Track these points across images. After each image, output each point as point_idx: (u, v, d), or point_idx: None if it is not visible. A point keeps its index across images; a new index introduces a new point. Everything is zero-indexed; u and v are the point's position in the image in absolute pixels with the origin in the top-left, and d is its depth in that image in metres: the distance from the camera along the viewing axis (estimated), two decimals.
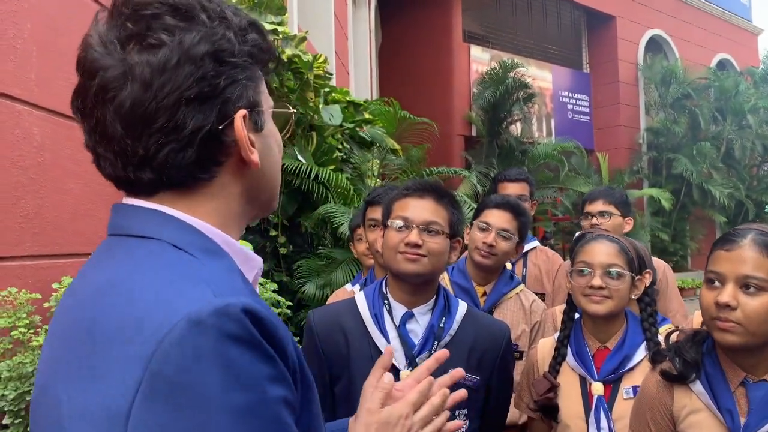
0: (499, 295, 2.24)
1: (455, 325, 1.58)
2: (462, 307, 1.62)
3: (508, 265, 2.79)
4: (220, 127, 0.72)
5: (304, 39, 4.52)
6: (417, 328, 1.57)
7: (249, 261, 0.78)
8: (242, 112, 0.73)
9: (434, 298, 1.61)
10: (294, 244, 4.69)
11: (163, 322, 0.60)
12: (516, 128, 11.62)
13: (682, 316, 2.48)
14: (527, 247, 2.83)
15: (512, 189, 3.02)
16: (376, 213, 2.23)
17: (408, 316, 1.58)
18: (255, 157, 0.75)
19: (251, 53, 0.75)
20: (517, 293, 2.26)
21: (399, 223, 1.57)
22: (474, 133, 11.81)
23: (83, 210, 2.69)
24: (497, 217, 2.23)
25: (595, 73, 14.46)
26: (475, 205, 6.91)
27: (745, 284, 1.27)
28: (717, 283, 1.31)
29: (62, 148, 2.57)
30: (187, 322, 0.60)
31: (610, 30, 14.07)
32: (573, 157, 12.05)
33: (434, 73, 11.85)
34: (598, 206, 2.81)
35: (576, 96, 13.94)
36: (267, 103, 0.81)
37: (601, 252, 1.66)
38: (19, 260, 2.32)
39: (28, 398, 1.97)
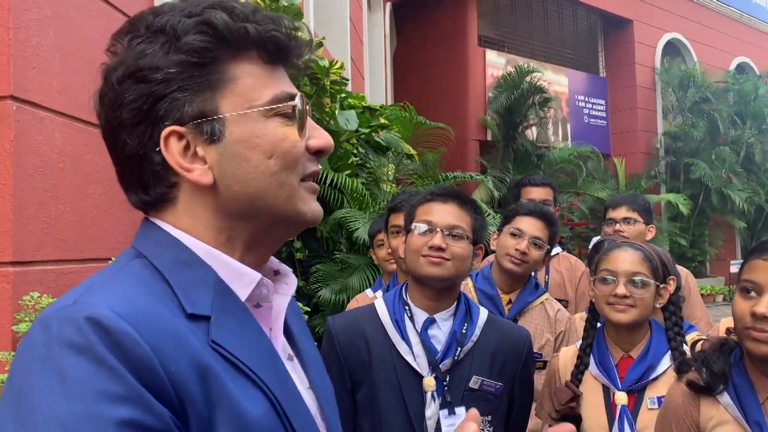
0: (524, 303, 2.21)
1: (477, 331, 1.57)
2: (483, 313, 1.62)
3: None
4: (156, 149, 0.70)
5: (320, 45, 4.53)
6: (439, 334, 1.57)
7: (240, 277, 0.73)
8: (168, 130, 0.70)
9: (455, 304, 1.60)
10: (310, 249, 4.69)
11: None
12: (532, 133, 11.57)
13: (705, 324, 2.44)
14: (554, 252, 2.81)
15: (536, 193, 3.00)
16: (399, 219, 2.23)
17: (429, 322, 1.57)
18: (196, 175, 0.71)
19: (186, 61, 0.70)
20: (542, 302, 2.23)
21: (423, 226, 1.57)
22: (489, 138, 11.77)
23: (104, 215, 2.71)
24: (530, 225, 2.19)
25: (611, 77, 14.36)
26: (491, 211, 6.89)
27: None
28: (753, 293, 1.29)
29: (83, 154, 2.59)
30: (39, 323, 0.61)
31: (627, 34, 13.97)
32: (589, 161, 11.97)
33: (449, 77, 11.84)
34: (622, 212, 2.78)
35: (592, 100, 13.85)
36: (247, 102, 0.72)
37: (625, 260, 1.64)
38: (41, 265, 2.34)
39: None
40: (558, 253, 2.87)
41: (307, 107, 0.77)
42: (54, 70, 2.44)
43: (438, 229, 1.54)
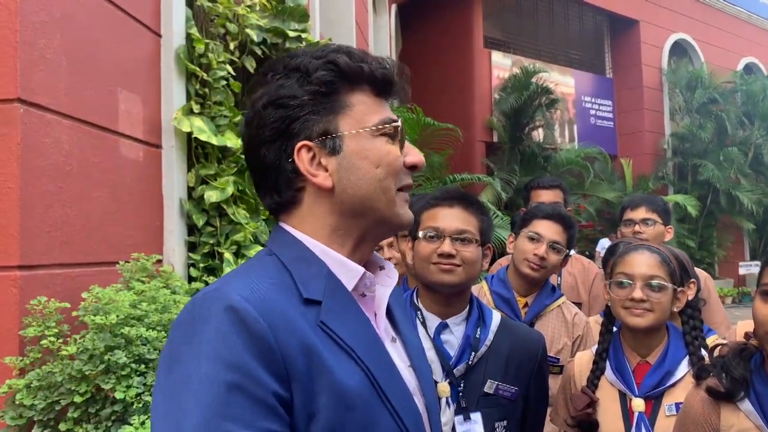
0: (541, 306, 2.16)
1: (491, 336, 1.54)
2: (496, 316, 1.59)
3: None
4: (290, 160, 0.89)
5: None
6: (452, 339, 1.54)
7: (348, 271, 0.90)
8: (300, 144, 0.88)
9: (467, 308, 1.57)
10: None
11: None
12: (538, 134, 11.53)
13: (726, 329, 2.40)
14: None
15: (546, 196, 2.96)
16: None
17: (442, 327, 1.55)
18: (320, 179, 0.89)
19: (316, 90, 0.89)
20: (559, 305, 2.19)
21: (430, 233, 1.54)
22: (495, 140, 11.74)
23: (111, 219, 2.70)
24: (548, 229, 2.15)
25: (618, 78, 14.30)
26: (499, 213, 6.85)
27: None
28: None
29: (90, 157, 2.58)
30: (189, 304, 0.81)
31: (634, 34, 13.91)
32: (596, 163, 11.91)
33: (455, 79, 11.82)
34: (641, 213, 2.72)
35: (599, 101, 13.80)
36: (361, 124, 0.90)
37: (641, 263, 1.61)
38: (48, 269, 2.33)
39: (57, 408, 1.97)
40: (570, 255, 2.83)
41: (403, 130, 0.95)
42: (61, 72, 2.42)
43: (445, 236, 1.51)
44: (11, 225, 2.19)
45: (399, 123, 0.93)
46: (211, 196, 3.24)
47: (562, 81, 12.79)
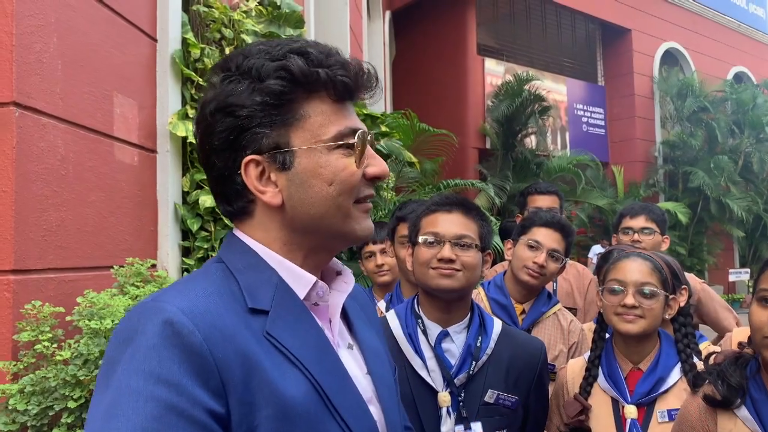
0: (538, 313, 2.18)
1: (492, 344, 1.54)
2: (497, 324, 1.59)
3: None
4: (238, 172, 0.85)
5: None
6: (453, 348, 1.54)
7: (299, 279, 0.87)
8: (248, 158, 0.84)
9: (468, 316, 1.57)
10: None
11: None
12: (531, 141, 11.59)
13: (737, 322, 2.46)
14: None
15: (542, 202, 2.97)
16: (407, 230, 2.20)
17: (443, 335, 1.55)
18: (268, 197, 0.85)
19: (266, 101, 0.83)
20: (555, 312, 2.20)
21: (430, 239, 1.55)
22: (488, 146, 11.79)
23: (106, 223, 2.69)
24: (547, 236, 2.16)
25: (610, 86, 14.41)
26: (493, 218, 6.84)
27: None
28: None
29: (85, 161, 2.57)
30: (127, 314, 0.79)
31: (626, 43, 14.03)
32: (588, 170, 11.98)
33: (448, 85, 11.87)
34: (640, 222, 2.73)
35: (591, 109, 13.89)
36: (315, 137, 0.84)
37: (634, 270, 1.63)
38: (43, 273, 2.32)
39: (51, 413, 1.96)
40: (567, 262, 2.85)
41: (369, 137, 0.89)
42: (57, 76, 2.42)
43: (445, 241, 1.52)
44: (5, 229, 2.18)
45: (360, 133, 0.87)
46: (206, 200, 3.23)
47: (554, 88, 12.88)
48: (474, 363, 1.51)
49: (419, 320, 1.56)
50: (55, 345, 2.09)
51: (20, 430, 1.94)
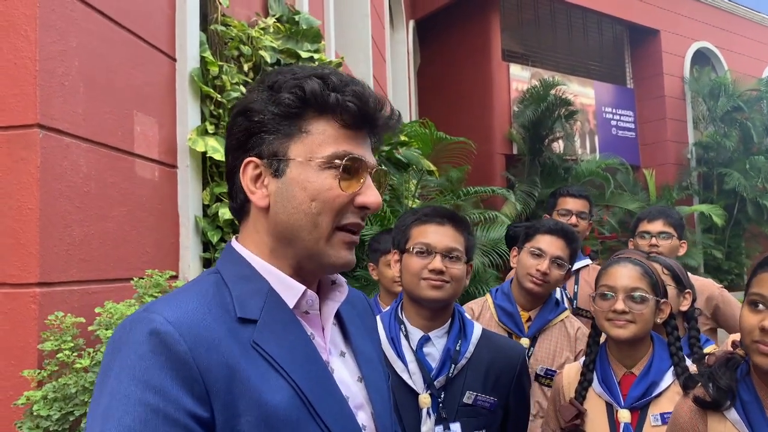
0: (544, 321, 2.19)
1: (471, 348, 1.59)
2: (477, 329, 1.64)
3: None
4: (240, 169, 0.92)
5: (339, 65, 4.62)
6: (434, 352, 1.59)
7: (289, 288, 0.91)
8: (248, 159, 0.91)
9: (449, 322, 1.62)
10: None
11: None
12: (558, 146, 11.49)
13: None
14: (579, 264, 2.78)
15: (573, 204, 2.98)
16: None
17: (425, 340, 1.60)
18: (256, 197, 0.91)
19: (280, 112, 0.90)
20: (562, 320, 2.21)
21: (420, 249, 1.60)
22: (515, 152, 11.73)
23: (128, 237, 2.81)
24: (550, 244, 2.18)
25: (639, 88, 14.19)
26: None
27: None
28: (762, 307, 1.28)
29: (107, 178, 2.70)
30: (122, 323, 0.83)
31: (654, 44, 13.81)
32: (618, 173, 11.81)
33: (474, 92, 11.86)
34: (658, 226, 2.73)
35: (620, 112, 13.70)
36: (310, 153, 0.89)
37: (624, 275, 1.65)
38: (66, 285, 2.44)
39: (71, 419, 2.06)
40: (588, 265, 2.84)
41: (372, 171, 0.93)
42: (79, 98, 2.55)
43: (436, 253, 1.57)
44: (31, 244, 2.30)
45: (351, 158, 0.89)
46: (225, 213, 3.33)
47: (582, 92, 12.75)
48: (453, 366, 1.55)
49: (402, 325, 1.62)
50: (76, 354, 2.20)
51: None
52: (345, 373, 0.96)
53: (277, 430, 0.80)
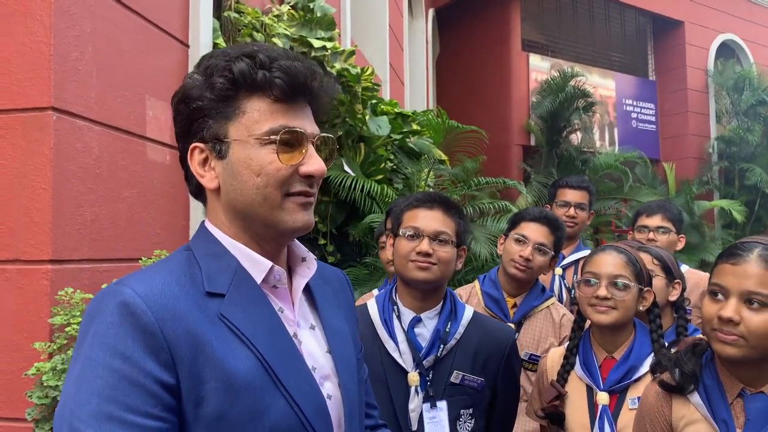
0: (529, 307, 2.25)
1: (461, 329, 1.64)
2: (468, 312, 1.69)
3: (558, 271, 2.79)
4: (188, 155, 0.98)
5: (352, 53, 4.66)
6: (425, 332, 1.65)
7: (256, 264, 0.96)
8: (194, 144, 0.96)
9: (441, 304, 1.67)
10: (342, 253, 4.81)
11: None
12: (576, 137, 11.40)
13: None
14: (579, 255, 2.82)
15: (572, 196, 3.00)
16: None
17: (416, 321, 1.66)
18: (206, 180, 0.97)
19: (214, 96, 0.93)
20: (548, 306, 2.27)
21: (409, 232, 1.65)
22: (533, 143, 11.67)
23: (137, 218, 2.89)
24: (534, 231, 2.23)
25: (661, 80, 13.99)
26: None
27: (748, 299, 1.27)
28: (720, 296, 1.32)
29: (118, 160, 2.78)
30: (97, 296, 0.90)
31: (678, 36, 13.59)
32: (637, 167, 11.70)
33: (492, 82, 11.81)
34: (656, 221, 2.75)
35: (641, 104, 13.53)
36: (248, 131, 0.93)
37: (608, 263, 1.68)
38: (78, 263, 2.53)
39: None
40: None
41: (315, 140, 0.97)
42: (92, 82, 2.63)
43: (424, 236, 1.62)
44: (44, 222, 2.40)
45: (285, 131, 0.93)
46: None
47: (602, 84, 12.62)
48: (442, 346, 1.61)
49: (395, 306, 1.67)
50: None
51: (52, 404, 2.14)
52: (314, 345, 1.01)
53: (239, 396, 0.85)
